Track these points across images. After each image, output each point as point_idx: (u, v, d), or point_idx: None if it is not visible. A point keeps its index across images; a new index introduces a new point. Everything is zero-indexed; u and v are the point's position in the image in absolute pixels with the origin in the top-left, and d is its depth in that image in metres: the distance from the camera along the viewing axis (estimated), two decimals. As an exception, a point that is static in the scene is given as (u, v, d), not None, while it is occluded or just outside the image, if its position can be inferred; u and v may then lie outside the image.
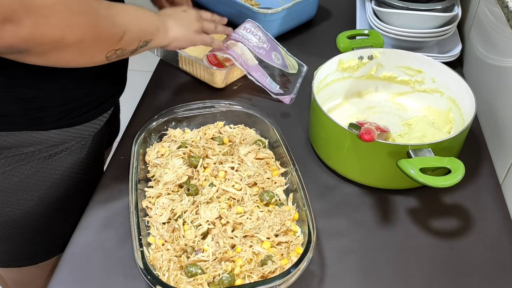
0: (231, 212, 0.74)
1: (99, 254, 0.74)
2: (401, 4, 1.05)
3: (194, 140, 0.87)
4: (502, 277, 0.72)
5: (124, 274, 0.71)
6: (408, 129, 0.93)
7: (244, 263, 0.68)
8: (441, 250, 0.75)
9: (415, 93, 0.99)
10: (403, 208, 0.81)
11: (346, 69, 0.97)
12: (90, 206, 0.81)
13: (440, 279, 0.71)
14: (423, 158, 0.73)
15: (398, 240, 0.77)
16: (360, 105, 1.00)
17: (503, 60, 0.90)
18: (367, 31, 1.01)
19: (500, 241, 0.76)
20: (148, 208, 0.77)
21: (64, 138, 0.81)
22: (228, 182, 0.79)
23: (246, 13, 1.15)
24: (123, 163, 0.87)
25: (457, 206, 0.82)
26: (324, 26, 1.28)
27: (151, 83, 1.09)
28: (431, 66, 0.94)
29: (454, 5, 1.08)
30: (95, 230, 0.77)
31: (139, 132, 0.85)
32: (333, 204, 0.82)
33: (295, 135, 0.94)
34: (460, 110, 0.90)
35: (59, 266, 0.73)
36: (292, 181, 0.78)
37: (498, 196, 0.83)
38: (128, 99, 1.14)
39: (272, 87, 1.03)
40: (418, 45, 1.10)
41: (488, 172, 0.88)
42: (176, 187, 0.79)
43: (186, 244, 0.70)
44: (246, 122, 0.91)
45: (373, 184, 0.84)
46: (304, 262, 0.64)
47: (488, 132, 0.94)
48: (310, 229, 0.68)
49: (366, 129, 0.74)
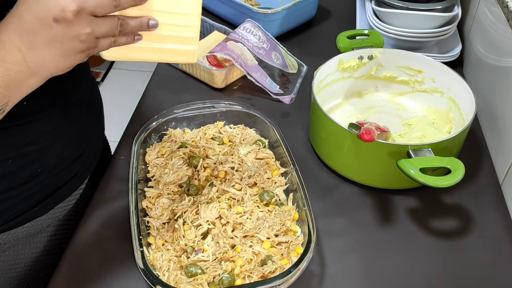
0: (231, 212, 0.74)
1: (99, 254, 0.74)
2: (401, 4, 1.05)
3: (194, 140, 0.87)
4: (502, 277, 0.72)
5: (124, 274, 0.71)
6: (408, 129, 0.93)
7: (244, 263, 0.68)
8: (441, 250, 0.75)
9: (415, 93, 0.99)
10: (403, 208, 0.81)
11: (346, 69, 0.97)
12: (90, 206, 0.81)
13: (440, 279, 0.71)
14: (423, 158, 0.73)
15: (398, 240, 0.77)
16: (360, 105, 1.00)
17: (503, 60, 0.90)
18: (367, 31, 1.01)
19: (500, 241, 0.76)
20: (148, 208, 0.77)
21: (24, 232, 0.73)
22: (228, 182, 0.79)
23: (246, 13, 1.15)
24: (123, 163, 0.87)
25: (457, 206, 0.82)
26: (324, 26, 1.28)
27: (151, 83, 1.09)
28: (431, 66, 0.94)
29: (454, 5, 1.08)
30: (95, 230, 0.77)
31: (139, 132, 0.85)
32: (333, 204, 0.82)
33: (295, 135, 0.94)
34: (460, 110, 0.90)
35: (59, 266, 0.73)
36: (292, 181, 0.78)
37: (498, 196, 0.83)
38: (128, 99, 1.14)
39: (272, 87, 1.03)
40: (418, 45, 1.10)
41: (488, 172, 0.88)
42: (176, 187, 0.79)
43: (186, 244, 0.70)
44: (246, 122, 0.91)
45: (373, 184, 0.84)
46: (304, 262, 0.64)
47: (488, 132, 0.94)
48: (310, 229, 0.69)
49: (366, 129, 0.74)
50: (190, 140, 0.87)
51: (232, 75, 1.06)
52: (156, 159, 0.85)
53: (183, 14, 0.58)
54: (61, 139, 0.73)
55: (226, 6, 1.21)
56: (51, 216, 0.77)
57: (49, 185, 0.74)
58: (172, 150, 0.85)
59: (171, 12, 0.58)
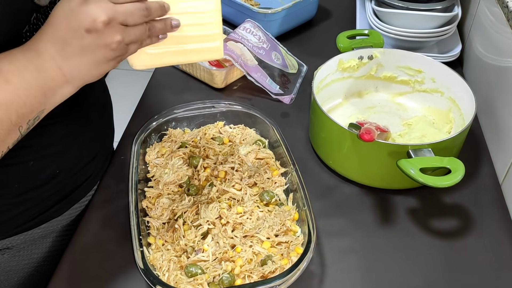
0: (231, 212, 0.74)
1: (99, 254, 0.74)
2: (401, 4, 1.05)
3: (194, 140, 0.87)
4: (502, 277, 0.72)
5: (124, 274, 0.71)
6: (408, 129, 0.93)
7: (244, 263, 0.68)
8: (441, 250, 0.75)
9: (415, 93, 0.99)
10: (403, 208, 0.81)
11: (346, 69, 0.97)
12: (90, 206, 0.81)
13: (440, 279, 0.71)
14: (423, 158, 0.73)
15: (398, 240, 0.77)
16: (360, 105, 1.00)
17: (503, 60, 0.90)
18: (367, 31, 1.01)
19: (500, 241, 0.76)
20: (148, 208, 0.77)
21: (23, 240, 0.74)
22: (228, 182, 0.79)
23: (246, 13, 1.14)
24: (123, 163, 0.87)
25: (457, 206, 0.82)
26: (324, 26, 1.28)
27: (151, 83, 1.09)
28: (431, 66, 0.94)
29: (454, 5, 1.08)
30: (95, 230, 0.77)
31: (139, 132, 0.85)
32: (333, 204, 0.82)
33: (295, 135, 0.94)
34: (460, 110, 0.90)
35: (59, 266, 0.72)
36: (292, 181, 0.78)
37: (498, 196, 0.83)
38: (128, 99, 1.14)
39: (272, 87, 1.03)
40: (418, 45, 1.10)
41: (488, 172, 0.88)
42: (176, 187, 0.79)
43: (186, 244, 0.70)
44: (246, 122, 0.91)
45: (373, 184, 0.84)
46: (304, 262, 0.64)
47: (488, 132, 0.94)
48: (310, 229, 0.68)
49: (366, 129, 0.74)
50: (190, 140, 0.87)
51: (232, 75, 1.06)
52: (156, 159, 0.85)
53: (203, 12, 0.60)
54: (78, 140, 0.74)
55: (226, 6, 1.20)
56: (65, 217, 0.79)
57: (65, 186, 0.76)
58: (172, 150, 0.85)
59: (192, 12, 0.59)
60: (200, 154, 0.84)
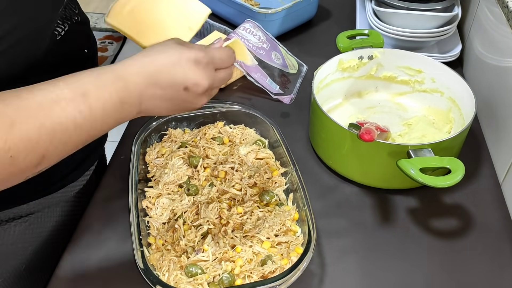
0: (231, 212, 0.74)
1: (99, 254, 0.74)
2: (401, 4, 1.05)
3: (194, 140, 0.87)
4: (502, 277, 0.72)
5: (124, 274, 0.71)
6: (408, 129, 0.93)
7: (244, 263, 0.68)
8: (441, 250, 0.75)
9: (415, 93, 0.99)
10: (403, 208, 0.81)
11: (346, 69, 0.97)
12: (90, 205, 0.81)
13: (440, 279, 0.71)
14: (423, 158, 0.73)
15: (398, 240, 0.77)
16: (360, 105, 1.00)
17: (503, 60, 0.90)
18: (367, 31, 1.01)
19: (500, 241, 0.76)
20: (148, 208, 0.77)
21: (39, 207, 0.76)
22: (228, 182, 0.79)
23: (246, 13, 1.15)
24: (123, 163, 0.87)
25: (457, 206, 0.82)
26: (324, 26, 1.28)
27: (151, 83, 1.09)
28: (431, 66, 0.94)
29: (454, 5, 1.08)
30: (95, 230, 0.77)
31: (139, 132, 0.85)
32: (333, 204, 0.82)
33: (295, 135, 0.94)
34: (460, 110, 0.90)
35: (59, 266, 0.73)
36: (292, 181, 0.78)
37: (498, 196, 0.83)
38: (128, 99, 1.14)
39: (272, 87, 1.03)
40: (418, 45, 1.10)
41: (488, 172, 0.88)
42: (176, 187, 0.79)
43: (186, 244, 0.70)
44: (246, 122, 0.91)
45: (373, 184, 0.84)
46: (304, 262, 0.64)
47: (488, 132, 0.94)
48: (310, 229, 0.68)
49: (366, 129, 0.74)
50: (190, 140, 0.87)
51: (232, 75, 1.06)
52: (156, 159, 0.85)
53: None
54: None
55: (226, 6, 1.21)
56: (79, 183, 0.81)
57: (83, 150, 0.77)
58: (172, 150, 0.85)
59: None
60: (200, 154, 0.84)
